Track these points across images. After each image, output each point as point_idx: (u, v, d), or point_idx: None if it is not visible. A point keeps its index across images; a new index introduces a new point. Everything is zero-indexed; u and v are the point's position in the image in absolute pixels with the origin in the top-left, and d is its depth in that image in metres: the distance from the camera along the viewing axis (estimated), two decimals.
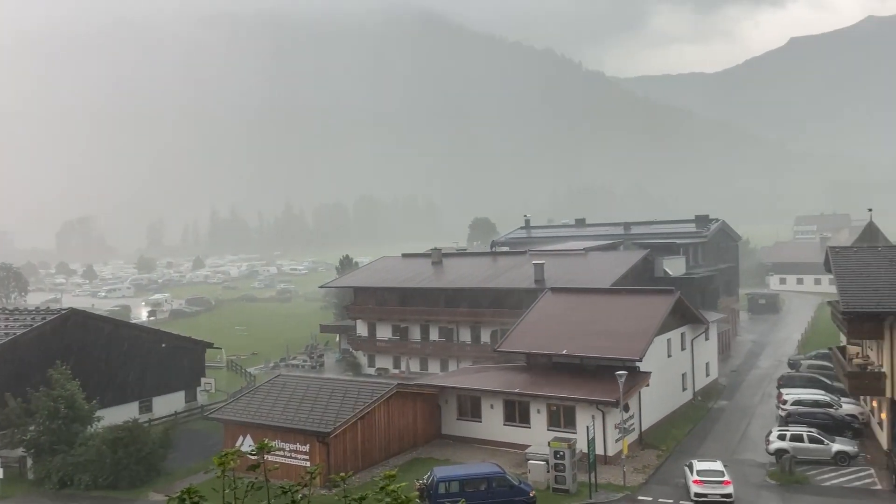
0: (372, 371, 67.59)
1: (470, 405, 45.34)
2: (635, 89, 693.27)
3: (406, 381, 49.22)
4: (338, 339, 77.31)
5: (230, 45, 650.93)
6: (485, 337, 61.81)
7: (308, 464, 37.75)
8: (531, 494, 34.23)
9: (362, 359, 69.55)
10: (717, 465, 35.65)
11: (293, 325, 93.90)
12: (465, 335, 63.37)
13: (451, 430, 45.79)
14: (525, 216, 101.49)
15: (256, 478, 8.15)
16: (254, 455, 8.51)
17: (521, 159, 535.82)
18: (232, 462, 7.84)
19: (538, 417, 42.44)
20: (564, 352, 44.46)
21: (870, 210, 64.11)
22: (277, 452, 37.97)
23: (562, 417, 41.71)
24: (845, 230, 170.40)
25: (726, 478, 34.50)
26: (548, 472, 36.55)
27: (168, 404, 54.11)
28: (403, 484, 8.03)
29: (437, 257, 71.79)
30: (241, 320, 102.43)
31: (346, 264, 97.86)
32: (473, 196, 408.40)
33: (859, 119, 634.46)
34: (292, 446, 38.93)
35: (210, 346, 60.34)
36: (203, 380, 58.53)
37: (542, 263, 59.68)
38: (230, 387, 62.43)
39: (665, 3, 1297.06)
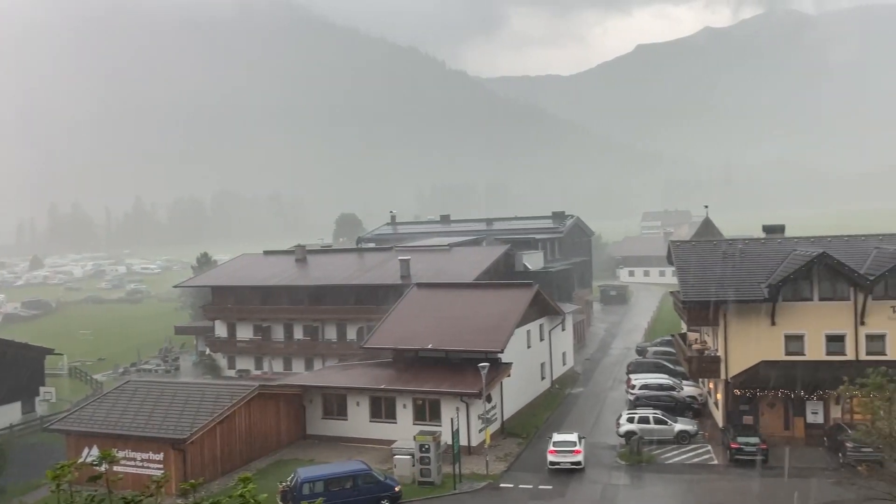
0: (232, 373, 65.14)
1: (335, 403, 44.85)
2: (497, 89, 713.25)
3: (268, 382, 47.89)
4: (195, 341, 73.85)
5: (77, 38, 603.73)
6: (351, 334, 61.30)
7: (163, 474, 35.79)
8: (397, 489, 34.38)
9: (222, 361, 66.85)
10: (572, 437, 39.32)
11: (145, 328, 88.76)
12: (331, 333, 62.55)
13: (317, 429, 45.09)
14: (391, 212, 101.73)
15: (97, 490, 7.58)
16: (96, 465, 7.91)
17: (387, 156, 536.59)
18: (68, 475, 7.24)
19: (404, 412, 42.68)
20: (430, 346, 44.97)
21: (706, 207, 69.65)
22: (128, 462, 35.76)
23: (427, 411, 42.19)
24: (686, 225, 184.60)
25: (577, 447, 38.28)
26: (413, 465, 36.86)
27: (1, 417, 49.46)
28: (252, 486, 7.74)
29: (301, 254, 70.35)
30: (87, 324, 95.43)
31: (204, 262, 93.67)
32: (339, 192, 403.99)
33: (699, 122, 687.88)
34: (144, 455, 36.78)
35: (50, 352, 55.82)
36: (42, 389, 54.03)
37: (408, 259, 60.02)
38: (74, 395, 58.02)
39: (522, 5, 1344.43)
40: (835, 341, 41.25)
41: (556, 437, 39.45)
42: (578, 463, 38.05)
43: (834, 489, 33.09)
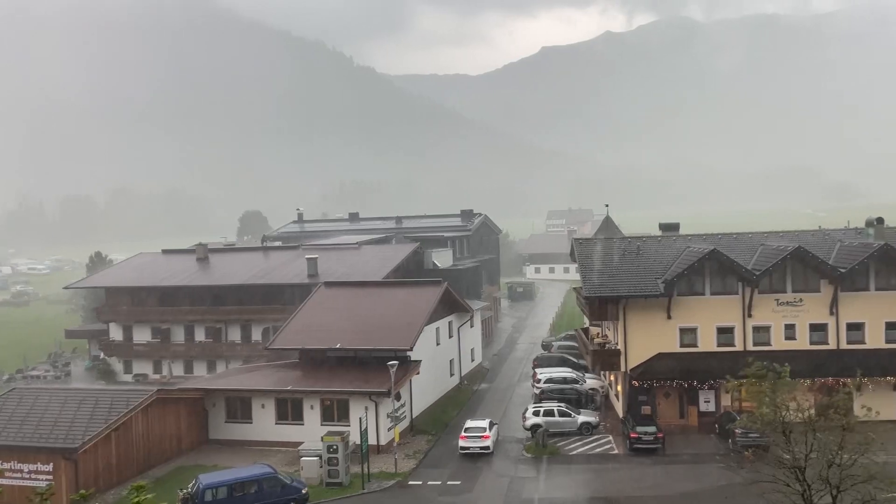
0: (129, 378, 62.31)
1: (240, 406, 43.67)
2: (406, 87, 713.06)
3: (168, 386, 46.11)
4: (87, 345, 70.11)
5: None
6: (256, 335, 59.85)
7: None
8: (304, 492, 33.85)
9: (117, 365, 63.84)
10: (483, 423, 41.52)
11: (33, 332, 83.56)
12: (235, 334, 60.87)
13: (220, 433, 43.77)
14: (298, 210, 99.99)
15: None
16: None
17: (294, 152, 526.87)
18: None
19: (312, 413, 42.05)
20: (338, 345, 44.50)
21: (607, 206, 72.08)
22: (13, 475, 33.61)
23: (336, 411, 41.75)
24: (589, 223, 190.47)
25: (486, 433, 40.34)
26: (321, 467, 36.38)
27: None
28: (148, 496, 7.44)
29: (203, 253, 68.07)
30: None
31: (98, 262, 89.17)
32: (243, 189, 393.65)
33: (601, 123, 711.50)
34: (32, 467, 34.64)
35: None
36: None
37: (316, 258, 59.16)
38: None
39: (430, 4, 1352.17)
40: (725, 333, 43.61)
41: (469, 423, 41.67)
42: (487, 448, 40.00)
43: (724, 474, 34.98)
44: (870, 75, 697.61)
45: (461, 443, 40.21)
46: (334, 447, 35.93)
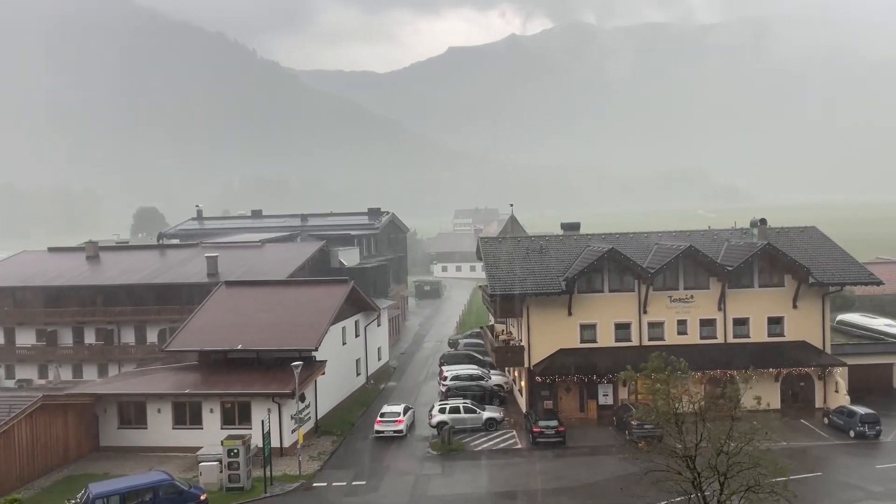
0: (11, 384, 58.23)
1: (134, 411, 41.69)
2: (311, 83, 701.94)
3: (55, 392, 43.38)
4: None
5: None
6: (152, 337, 57.35)
7: None
8: (202, 497, 32.68)
9: None
10: (398, 408, 43.99)
11: None
12: (129, 336, 58.09)
13: (113, 440, 41.65)
14: (197, 207, 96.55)
15: None
16: None
17: (193, 147, 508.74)
18: None
19: (211, 417, 40.66)
20: (240, 346, 43.23)
21: (511, 205, 73.41)
22: None
23: (237, 414, 40.52)
24: (495, 223, 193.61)
25: (400, 417, 42.74)
26: (221, 471, 35.25)
27: None
28: None
29: (94, 251, 64.64)
30: None
31: None
32: (138, 185, 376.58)
33: (506, 124, 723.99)
34: None
35: None
36: None
37: (216, 256, 57.29)
38: None
39: (334, 1, 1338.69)
40: (622, 329, 45.34)
41: (385, 408, 44.38)
42: (400, 431, 42.51)
43: (621, 464, 36.34)
44: (749, 84, 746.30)
45: (376, 427, 42.68)
46: (235, 451, 34.88)
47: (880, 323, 55.71)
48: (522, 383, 47.01)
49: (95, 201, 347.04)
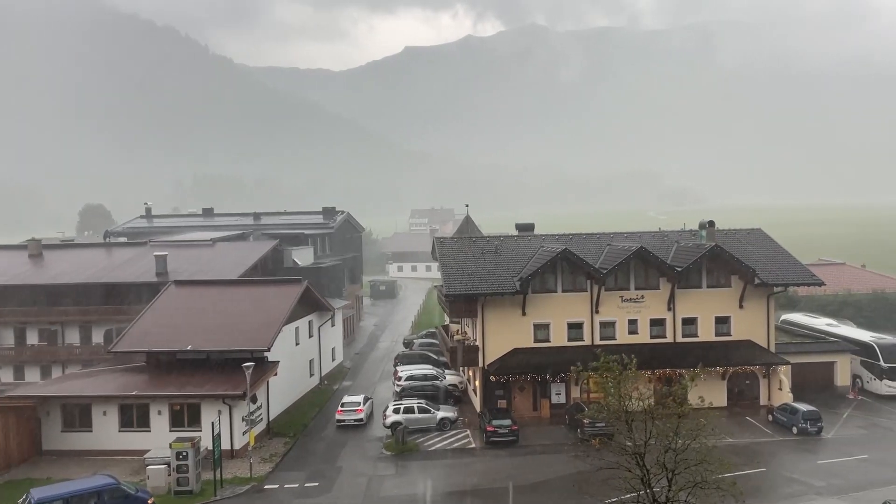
0: None
1: (78, 414, 40.50)
2: (265, 80, 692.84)
3: None
4: None
5: None
6: (97, 337, 55.85)
7: None
8: (150, 501, 31.94)
9: None
10: (358, 398, 46.46)
11: None
12: (73, 336, 56.44)
13: (56, 444, 40.39)
14: (146, 204, 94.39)
15: None
16: None
17: (143, 143, 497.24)
18: None
19: (159, 419, 39.77)
20: (189, 347, 42.38)
21: (467, 205, 73.66)
22: None
23: (186, 416, 39.71)
24: (450, 223, 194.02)
25: (360, 407, 45.42)
26: (169, 475, 34.50)
27: None
28: None
29: (37, 249, 62.61)
30: None
31: None
32: (84, 181, 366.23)
33: (461, 125, 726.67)
34: None
35: None
36: None
37: (165, 255, 56.06)
38: None
39: None
40: (575, 328, 45.89)
41: (346, 398, 46.80)
42: (360, 420, 45.07)
43: (573, 462, 36.73)
44: (696, 89, 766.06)
45: (338, 416, 45.27)
46: (184, 453, 34.18)
47: (822, 322, 57.59)
48: (477, 383, 47.18)
49: (39, 198, 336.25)
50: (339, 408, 45.75)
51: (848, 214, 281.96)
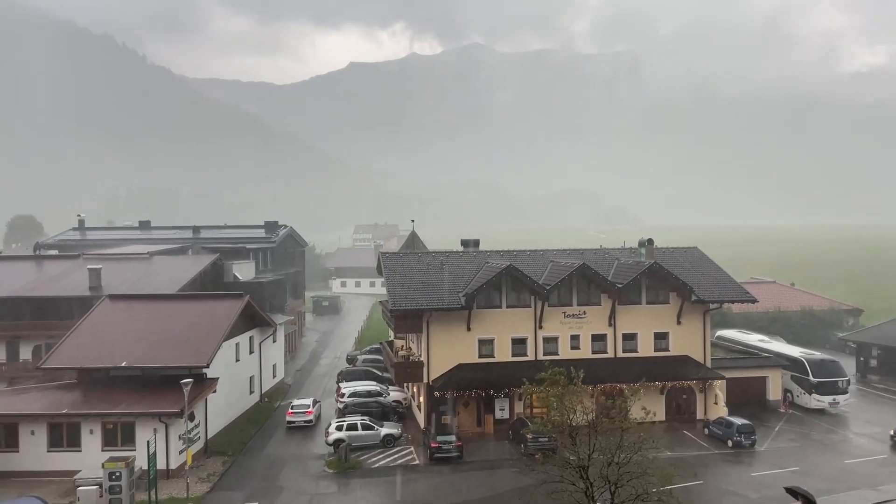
0: None
1: (4, 434, 38.57)
2: (205, 91, 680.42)
3: None
4: None
5: None
6: (25, 353, 53.35)
7: None
8: None
9: None
10: (308, 401, 49.62)
11: None
12: (0, 352, 53.86)
13: None
14: (79, 216, 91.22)
15: None
16: None
17: (77, 154, 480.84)
18: None
19: (91, 438, 38.22)
20: (124, 364, 40.94)
21: (412, 221, 73.71)
22: None
23: (119, 435, 38.29)
24: (394, 238, 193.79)
25: (310, 409, 48.27)
26: (101, 496, 33.15)
27: None
28: None
29: None
30: None
31: None
32: (12, 192, 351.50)
33: (406, 142, 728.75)
34: None
35: None
36: None
37: (100, 268, 54.20)
38: None
39: (227, 6, 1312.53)
40: (519, 344, 46.31)
41: (295, 401, 49.88)
42: (310, 421, 47.93)
43: (517, 477, 36.96)
44: (627, 113, 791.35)
45: (288, 418, 47.96)
46: (117, 474, 32.92)
47: (754, 338, 59.66)
48: (421, 399, 47.02)
49: None
50: (290, 410, 48.53)
51: (777, 235, 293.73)
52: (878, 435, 44.89)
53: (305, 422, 47.86)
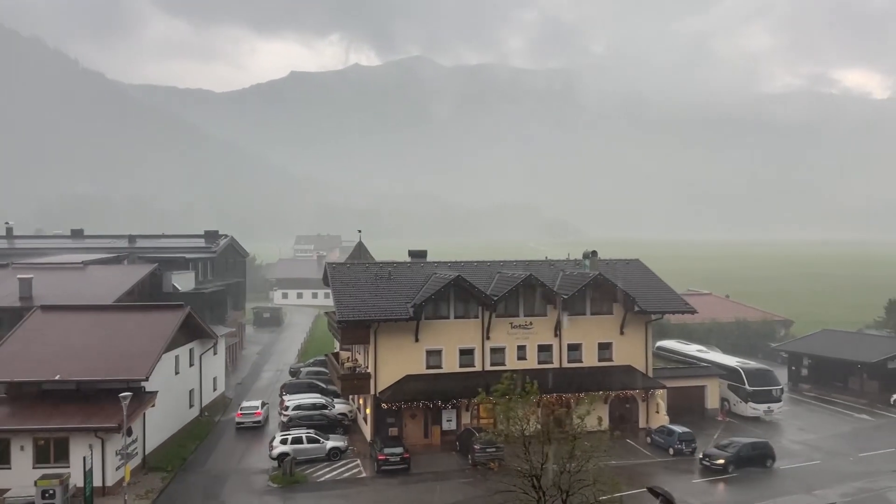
0: None
1: None
2: (140, 97, 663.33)
3: None
4: None
5: None
6: None
7: None
8: None
9: None
10: (256, 403, 52.55)
11: None
12: None
13: None
14: (7, 224, 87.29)
15: None
16: None
17: (4, 160, 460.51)
18: None
19: (21, 455, 36.38)
20: (57, 377, 39.18)
21: (360, 231, 73.22)
22: None
23: (52, 452, 36.58)
24: (337, 249, 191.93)
25: (258, 410, 50.95)
26: None
27: None
28: None
29: None
30: None
31: None
32: None
33: (348, 153, 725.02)
34: None
35: None
36: None
37: (30, 278, 51.85)
38: None
39: (163, 11, 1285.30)
40: (466, 354, 46.39)
41: (244, 403, 53.04)
42: (259, 422, 50.40)
43: (464, 488, 36.93)
44: (561, 128, 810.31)
45: (237, 419, 50.52)
46: (50, 491, 31.53)
47: (693, 349, 61.31)
48: (368, 411, 46.53)
49: None
50: (238, 411, 51.00)
51: (710, 249, 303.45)
52: (811, 441, 46.64)
53: (254, 422, 50.04)
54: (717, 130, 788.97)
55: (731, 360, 56.25)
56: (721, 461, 40.26)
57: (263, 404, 52.73)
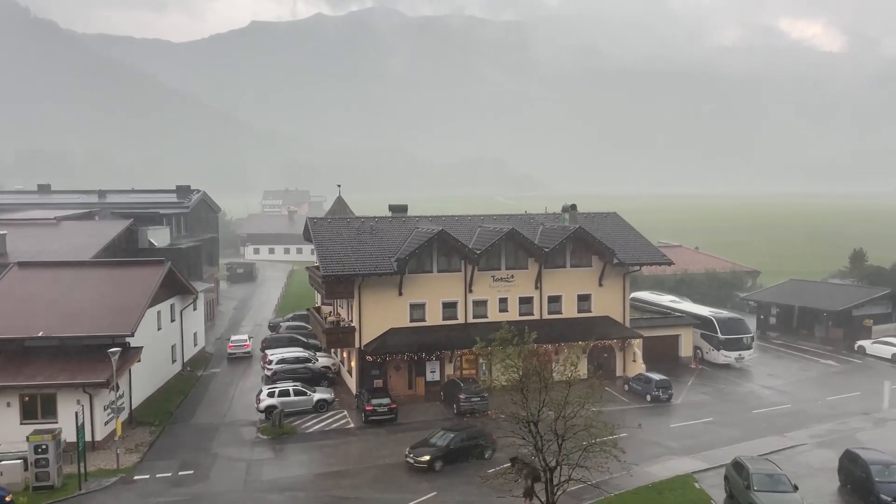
0: None
1: None
2: (96, 48, 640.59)
3: None
4: None
5: None
6: None
7: None
8: (7, 499, 29.35)
9: None
10: (244, 336, 60.10)
11: None
12: None
13: None
14: None
15: None
16: None
17: None
18: None
19: (8, 412, 36.29)
20: (41, 334, 38.89)
21: (339, 186, 73.02)
22: None
23: (39, 408, 36.55)
24: (306, 204, 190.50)
25: (247, 342, 58.30)
26: (26, 470, 31.76)
27: None
28: None
29: None
30: None
31: None
32: None
33: (313, 107, 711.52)
34: None
35: None
36: None
37: (4, 234, 50.91)
38: None
39: None
40: (449, 307, 47.07)
41: (233, 337, 59.90)
42: (248, 352, 57.37)
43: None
44: (516, 82, 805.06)
45: (229, 350, 57.41)
46: (43, 447, 31.56)
47: (666, 299, 62.94)
48: (352, 364, 47.13)
49: None
50: (230, 343, 57.93)
51: (675, 201, 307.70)
52: (779, 387, 48.65)
53: (244, 353, 57.01)
54: (671, 83, 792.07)
55: (704, 310, 57.94)
56: (426, 458, 33.76)
57: (250, 337, 60.74)
